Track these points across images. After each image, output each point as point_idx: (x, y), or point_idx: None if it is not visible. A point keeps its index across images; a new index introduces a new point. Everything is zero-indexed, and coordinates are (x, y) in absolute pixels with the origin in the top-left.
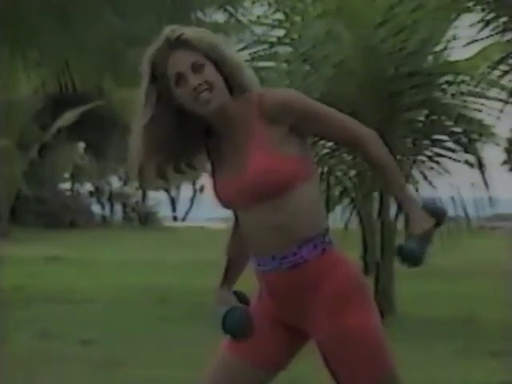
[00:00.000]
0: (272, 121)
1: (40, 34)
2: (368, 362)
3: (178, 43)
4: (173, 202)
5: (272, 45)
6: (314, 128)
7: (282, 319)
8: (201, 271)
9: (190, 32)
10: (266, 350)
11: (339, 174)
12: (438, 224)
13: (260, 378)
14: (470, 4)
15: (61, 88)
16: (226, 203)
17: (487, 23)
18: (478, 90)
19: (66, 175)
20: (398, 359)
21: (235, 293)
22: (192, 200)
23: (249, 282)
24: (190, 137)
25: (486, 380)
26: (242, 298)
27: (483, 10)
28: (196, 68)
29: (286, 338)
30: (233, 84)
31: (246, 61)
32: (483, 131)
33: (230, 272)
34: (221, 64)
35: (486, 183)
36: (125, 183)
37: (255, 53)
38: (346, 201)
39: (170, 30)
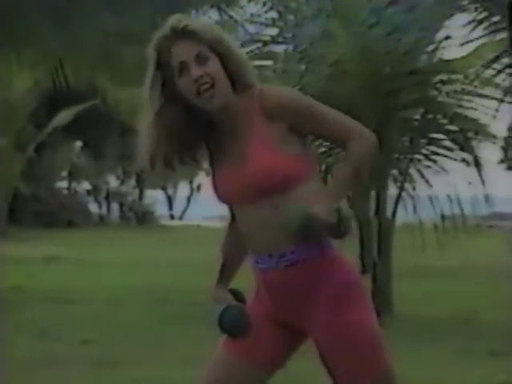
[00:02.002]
0: (272, 118)
1: (35, 32)
2: (365, 361)
3: (184, 33)
4: (170, 201)
5: (265, 43)
6: (312, 127)
7: (279, 318)
8: (199, 270)
9: (195, 24)
10: (263, 349)
11: None
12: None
13: (257, 377)
14: (464, 3)
15: (55, 86)
16: (224, 199)
17: (480, 22)
18: (471, 88)
19: (63, 174)
20: (397, 359)
21: (231, 290)
22: (189, 198)
23: (246, 279)
24: (195, 129)
25: (486, 380)
26: (238, 295)
27: (476, 9)
28: (200, 59)
29: (284, 337)
30: (236, 80)
31: None
32: (479, 130)
33: (226, 270)
34: (226, 59)
35: (482, 182)
36: (122, 182)
37: (251, 51)
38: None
39: (176, 20)
